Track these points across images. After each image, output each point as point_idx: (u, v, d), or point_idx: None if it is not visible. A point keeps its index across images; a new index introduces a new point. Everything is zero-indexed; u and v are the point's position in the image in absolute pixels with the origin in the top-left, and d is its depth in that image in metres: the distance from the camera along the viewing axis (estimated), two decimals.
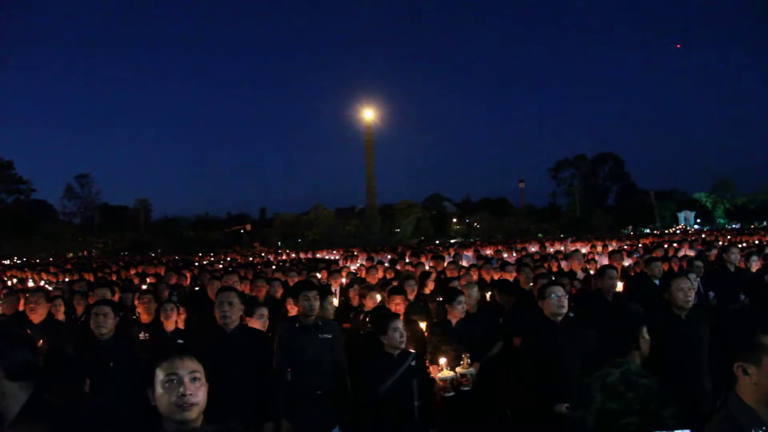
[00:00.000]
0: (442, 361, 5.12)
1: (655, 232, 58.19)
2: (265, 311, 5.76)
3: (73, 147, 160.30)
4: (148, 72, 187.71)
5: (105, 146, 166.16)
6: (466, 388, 5.04)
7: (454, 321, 5.68)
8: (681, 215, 72.72)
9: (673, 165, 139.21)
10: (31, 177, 74.70)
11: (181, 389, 2.24)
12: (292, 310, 6.79)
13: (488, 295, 7.91)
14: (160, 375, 2.28)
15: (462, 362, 5.17)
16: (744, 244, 16.70)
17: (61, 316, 7.10)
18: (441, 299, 6.44)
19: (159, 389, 2.26)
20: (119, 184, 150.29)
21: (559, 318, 4.73)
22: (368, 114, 65.59)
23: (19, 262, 37.24)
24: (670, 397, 2.31)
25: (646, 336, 3.52)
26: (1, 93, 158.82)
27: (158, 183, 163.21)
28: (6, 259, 43.20)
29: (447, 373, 5.02)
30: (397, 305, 6.07)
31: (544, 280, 6.15)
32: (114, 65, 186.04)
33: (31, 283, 13.87)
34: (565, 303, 4.77)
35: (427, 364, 5.15)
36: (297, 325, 4.87)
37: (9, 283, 14.09)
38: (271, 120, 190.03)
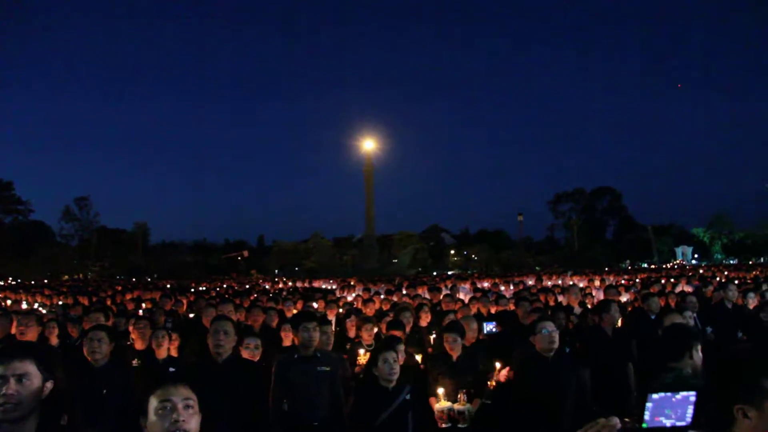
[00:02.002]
0: (440, 391, 5.08)
1: (653, 266, 58.22)
2: (254, 341, 5.54)
3: (73, 169, 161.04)
4: (151, 96, 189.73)
5: (105, 169, 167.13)
6: (463, 426, 4.93)
7: (454, 356, 5.64)
8: (678, 250, 72.86)
9: (671, 200, 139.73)
10: (31, 198, 75.06)
11: (175, 415, 2.23)
12: (287, 340, 6.75)
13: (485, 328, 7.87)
14: (153, 402, 2.27)
15: (459, 399, 5.13)
16: (739, 281, 16.67)
17: (54, 340, 7.05)
18: (438, 332, 6.42)
19: (152, 416, 2.25)
20: (118, 208, 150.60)
21: (551, 354, 4.71)
22: (368, 144, 65.94)
23: (14, 283, 37.04)
24: None
25: (700, 353, 3.54)
26: (2, 114, 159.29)
27: (157, 207, 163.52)
28: (1, 280, 43.00)
29: (443, 404, 4.98)
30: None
31: (536, 315, 6.14)
32: (115, 89, 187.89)
33: (24, 306, 13.78)
34: (556, 338, 4.76)
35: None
36: (296, 356, 4.83)
37: (3, 304, 13.99)
38: (272, 148, 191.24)
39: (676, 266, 53.70)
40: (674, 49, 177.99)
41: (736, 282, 12.94)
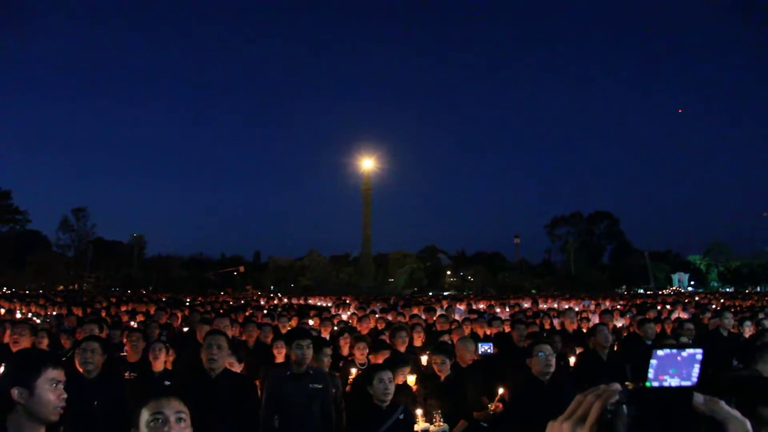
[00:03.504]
0: (418, 412, 5.07)
1: (649, 292, 58.17)
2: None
3: (72, 180, 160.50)
4: (150, 110, 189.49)
5: (103, 181, 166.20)
6: None
7: (442, 377, 5.63)
8: (675, 277, 72.84)
9: (668, 226, 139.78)
10: (28, 208, 74.83)
11: (166, 429, 2.22)
12: (279, 356, 6.73)
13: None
14: (145, 415, 2.26)
15: (435, 419, 5.11)
16: (735, 309, 16.66)
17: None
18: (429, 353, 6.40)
19: (144, 429, 2.24)
20: (115, 220, 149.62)
21: (547, 377, 4.70)
22: (367, 163, 66.28)
23: (8, 292, 36.87)
24: None
25: None
26: (1, 124, 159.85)
27: (154, 221, 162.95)
28: None
29: (421, 425, 4.97)
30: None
31: (531, 339, 6.15)
32: (116, 102, 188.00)
33: (18, 315, 13.73)
34: (553, 362, 4.75)
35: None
36: (288, 372, 4.81)
37: None
38: (270, 164, 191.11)
39: (672, 293, 53.70)
40: (675, 74, 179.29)
41: (732, 310, 12.93)
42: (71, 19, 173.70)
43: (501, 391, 5.67)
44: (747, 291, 56.44)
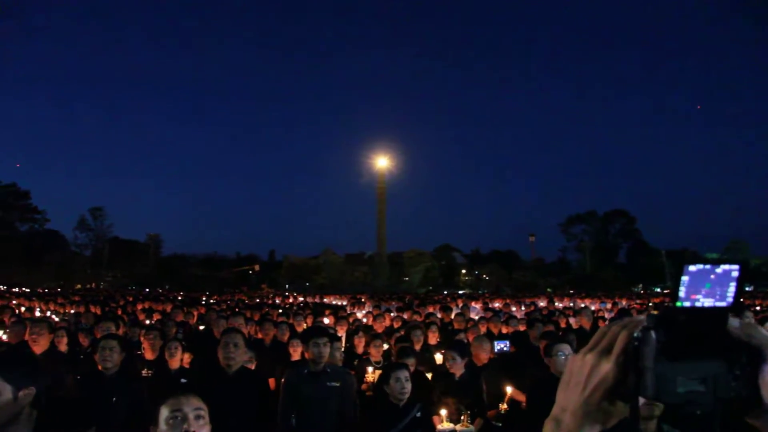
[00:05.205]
0: (443, 412, 5.04)
1: (666, 291, 57.60)
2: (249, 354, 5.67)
3: (90, 180, 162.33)
4: (167, 111, 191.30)
5: (120, 181, 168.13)
6: None
7: (456, 374, 5.61)
8: None
9: (685, 224, 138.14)
10: (47, 207, 75.79)
11: (185, 426, 2.23)
12: (295, 354, 6.74)
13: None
14: (164, 412, 2.27)
15: (462, 420, 5.08)
16: (754, 308, 16.47)
17: (63, 348, 7.07)
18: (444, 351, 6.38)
19: (163, 426, 2.26)
20: (131, 219, 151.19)
21: None
22: (382, 162, 66.27)
23: (27, 290, 37.29)
24: None
25: None
26: (21, 125, 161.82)
27: (170, 220, 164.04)
28: (15, 288, 43.33)
29: (446, 425, 4.94)
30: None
31: (548, 338, 6.09)
32: (134, 104, 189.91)
33: (38, 313, 13.89)
34: None
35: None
36: (305, 371, 4.80)
37: (17, 311, 14.10)
38: (285, 164, 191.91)
39: None
40: (693, 71, 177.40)
41: (752, 309, 12.77)
42: (89, 22, 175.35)
43: (509, 390, 5.63)
44: (767, 290, 55.73)
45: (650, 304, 19.93)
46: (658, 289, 64.44)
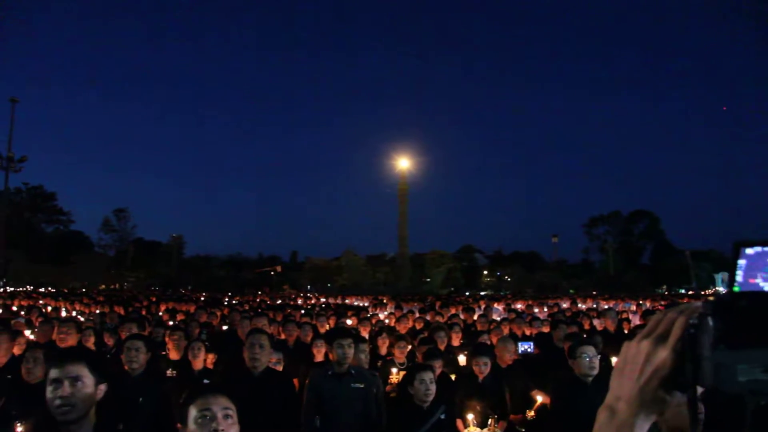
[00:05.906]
0: (470, 417, 5.01)
1: (691, 292, 56.90)
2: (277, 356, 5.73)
3: (114, 182, 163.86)
4: (191, 112, 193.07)
5: (144, 183, 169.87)
6: None
7: (481, 377, 5.57)
8: (718, 276, 70.88)
9: (710, 224, 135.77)
10: (72, 209, 76.95)
11: (214, 424, 2.24)
12: (319, 355, 6.75)
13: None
14: (193, 412, 2.28)
15: (489, 424, 5.03)
16: None
17: (91, 347, 7.16)
18: (469, 353, 6.34)
19: (192, 425, 2.27)
20: (155, 220, 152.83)
21: (590, 379, 4.61)
22: (403, 162, 66.18)
23: (53, 291, 37.89)
24: None
25: None
26: (47, 128, 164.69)
27: (193, 221, 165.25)
28: (42, 288, 44.10)
29: (472, 430, 4.90)
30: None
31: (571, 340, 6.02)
32: (158, 106, 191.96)
33: (64, 313, 14.10)
34: (597, 364, 4.66)
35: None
36: (330, 372, 4.77)
37: (44, 311, 14.33)
38: (307, 165, 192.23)
39: (715, 293, 52.38)
40: (718, 71, 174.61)
41: None
42: (113, 25, 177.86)
43: (540, 399, 5.56)
44: None
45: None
46: (683, 291, 63.62)
